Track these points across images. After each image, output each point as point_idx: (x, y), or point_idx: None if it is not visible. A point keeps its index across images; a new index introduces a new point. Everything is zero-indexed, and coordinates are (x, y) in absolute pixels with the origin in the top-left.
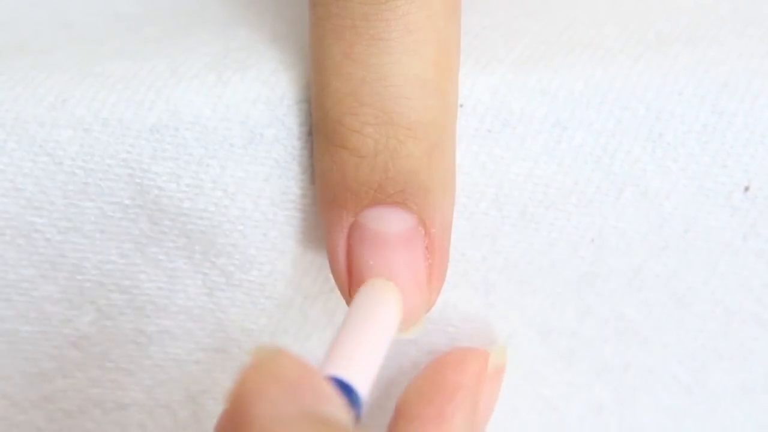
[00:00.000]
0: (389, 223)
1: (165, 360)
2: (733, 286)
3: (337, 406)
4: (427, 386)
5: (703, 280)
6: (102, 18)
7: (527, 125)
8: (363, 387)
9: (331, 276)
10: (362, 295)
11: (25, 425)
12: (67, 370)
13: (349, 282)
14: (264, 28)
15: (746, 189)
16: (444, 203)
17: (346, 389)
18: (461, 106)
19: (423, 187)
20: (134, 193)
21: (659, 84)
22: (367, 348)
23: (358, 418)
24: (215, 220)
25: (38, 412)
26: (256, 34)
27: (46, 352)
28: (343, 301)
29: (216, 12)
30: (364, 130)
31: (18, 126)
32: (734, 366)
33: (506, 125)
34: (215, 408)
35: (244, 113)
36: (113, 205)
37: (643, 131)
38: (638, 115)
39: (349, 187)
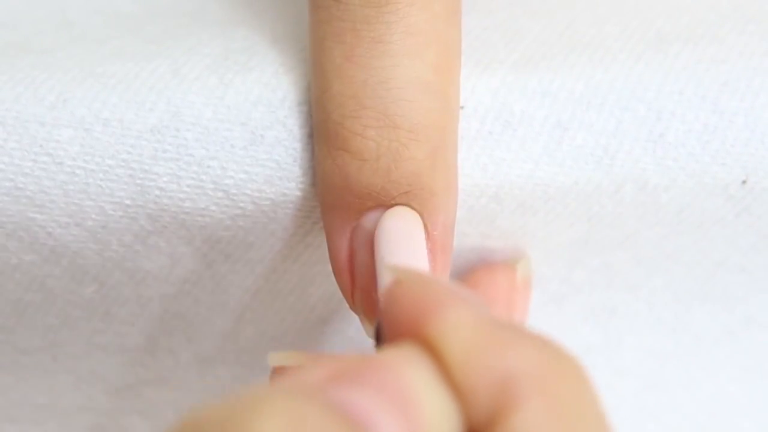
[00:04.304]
0: None
1: (166, 314)
2: (721, 246)
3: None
4: None
5: (693, 241)
6: (102, 17)
7: (528, 127)
8: None
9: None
10: (387, 228)
11: (32, 365)
12: (72, 324)
13: (352, 285)
14: (264, 29)
15: (744, 182)
16: (447, 205)
17: None
18: (462, 108)
19: (426, 189)
20: (135, 194)
21: (660, 84)
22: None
23: None
24: (216, 217)
25: (44, 355)
26: (257, 35)
27: (51, 312)
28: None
29: (216, 12)
30: (366, 133)
31: (19, 125)
32: (717, 308)
33: (507, 127)
34: (215, 350)
35: (245, 115)
36: (114, 205)
37: (643, 131)
38: (639, 115)
39: (352, 191)
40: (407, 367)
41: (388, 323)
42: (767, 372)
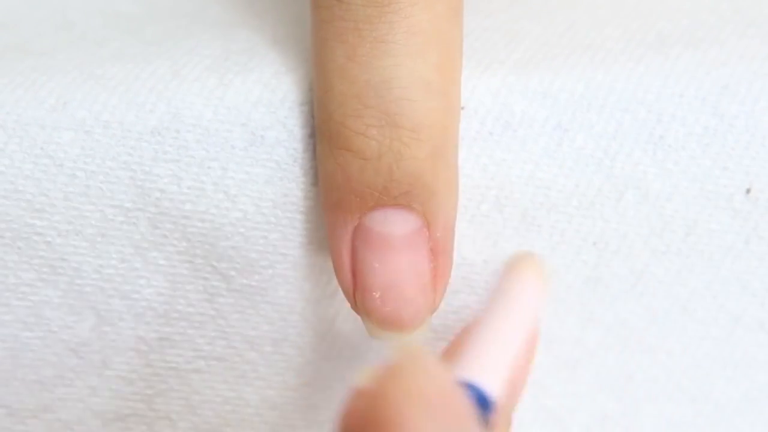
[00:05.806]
0: (394, 226)
1: (164, 368)
2: (736, 291)
3: (473, 425)
4: None
5: (706, 285)
6: (103, 18)
7: (528, 128)
8: (496, 388)
9: (332, 279)
10: (505, 279)
11: None
12: (67, 378)
13: (354, 285)
14: (265, 30)
15: (748, 191)
16: (448, 205)
17: (479, 393)
18: (462, 108)
19: (427, 189)
20: (135, 196)
21: (660, 86)
22: (503, 344)
23: (488, 421)
24: (216, 222)
25: (37, 422)
26: (257, 36)
27: (45, 359)
28: (345, 305)
29: (216, 13)
30: (368, 133)
31: (19, 128)
32: (738, 374)
33: (507, 128)
34: (215, 419)
35: (245, 115)
36: (114, 209)
37: (643, 134)
38: (639, 117)
39: (354, 190)
40: None
41: None
42: None
